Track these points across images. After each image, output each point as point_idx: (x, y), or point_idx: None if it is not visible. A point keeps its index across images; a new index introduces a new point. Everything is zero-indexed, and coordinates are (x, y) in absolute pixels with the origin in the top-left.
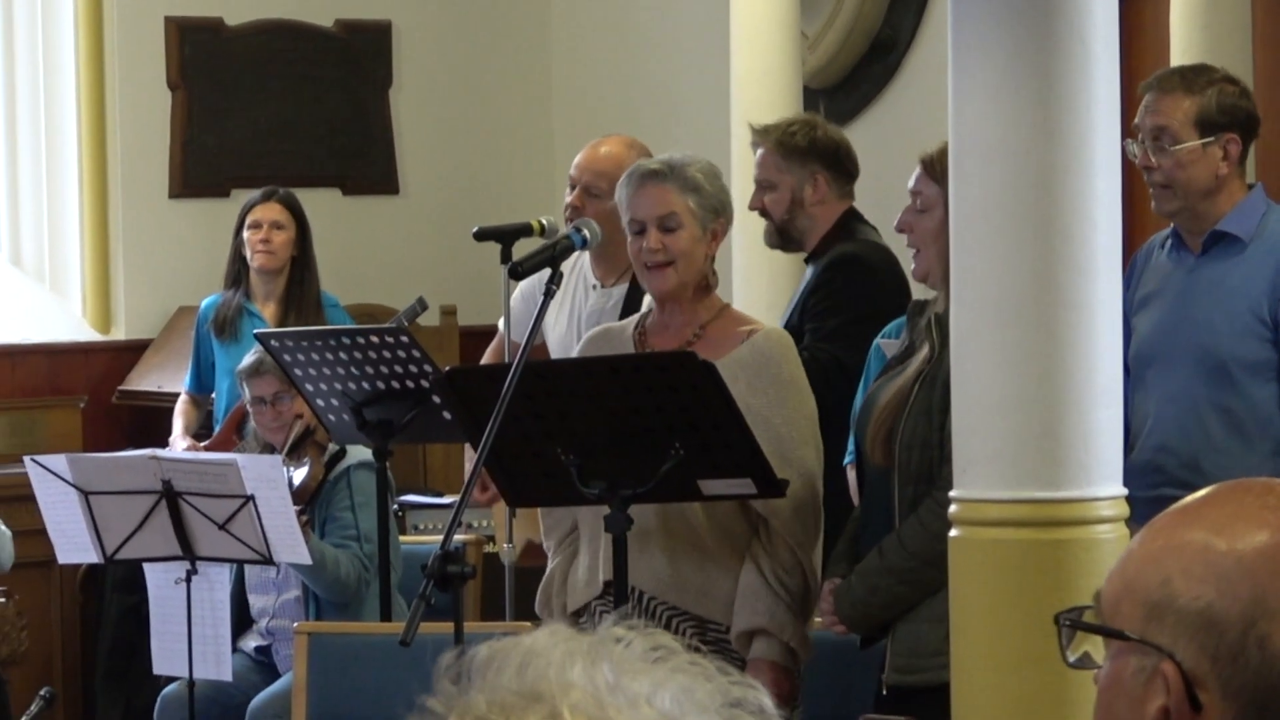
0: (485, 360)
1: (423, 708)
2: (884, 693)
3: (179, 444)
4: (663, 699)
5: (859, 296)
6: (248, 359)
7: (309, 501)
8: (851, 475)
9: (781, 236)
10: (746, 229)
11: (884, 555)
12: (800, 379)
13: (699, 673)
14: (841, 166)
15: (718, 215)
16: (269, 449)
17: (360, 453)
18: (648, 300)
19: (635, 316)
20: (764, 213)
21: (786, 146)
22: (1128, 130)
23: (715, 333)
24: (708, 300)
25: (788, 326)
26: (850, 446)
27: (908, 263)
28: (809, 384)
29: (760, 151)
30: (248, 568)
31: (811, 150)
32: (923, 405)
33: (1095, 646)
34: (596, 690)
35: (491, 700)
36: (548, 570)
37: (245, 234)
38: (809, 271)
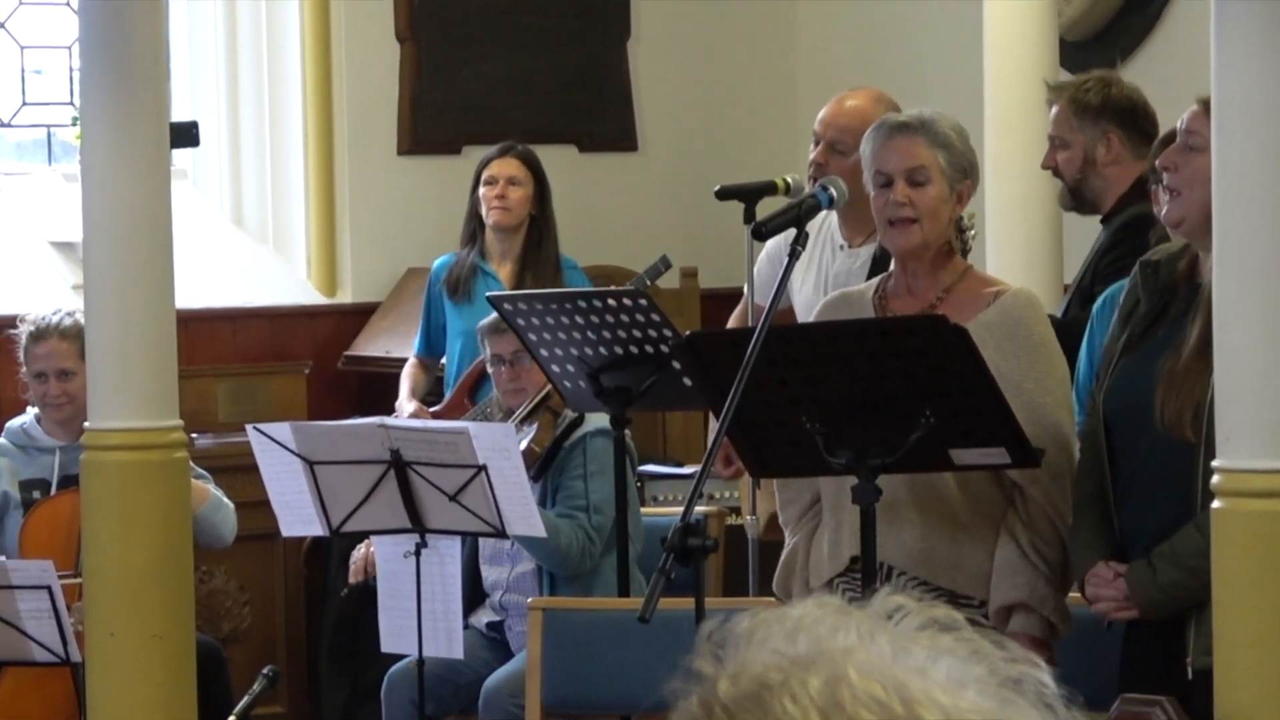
0: (730, 324)
1: (689, 671)
2: (1189, 676)
3: (405, 408)
4: (941, 668)
5: None
6: (492, 315)
7: (540, 469)
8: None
9: (1075, 198)
10: (998, 189)
11: (1207, 535)
12: (1051, 340)
13: (975, 648)
14: (1137, 126)
15: (965, 176)
16: (511, 414)
17: (598, 419)
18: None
19: (875, 280)
20: (1056, 172)
21: (1079, 104)
22: None
23: (960, 295)
24: (951, 263)
25: (1078, 288)
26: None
27: None
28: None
29: (1054, 109)
30: (482, 539)
31: (1105, 108)
32: None
33: None
34: (881, 653)
35: (769, 663)
36: (788, 546)
37: (481, 190)
38: (1101, 233)
